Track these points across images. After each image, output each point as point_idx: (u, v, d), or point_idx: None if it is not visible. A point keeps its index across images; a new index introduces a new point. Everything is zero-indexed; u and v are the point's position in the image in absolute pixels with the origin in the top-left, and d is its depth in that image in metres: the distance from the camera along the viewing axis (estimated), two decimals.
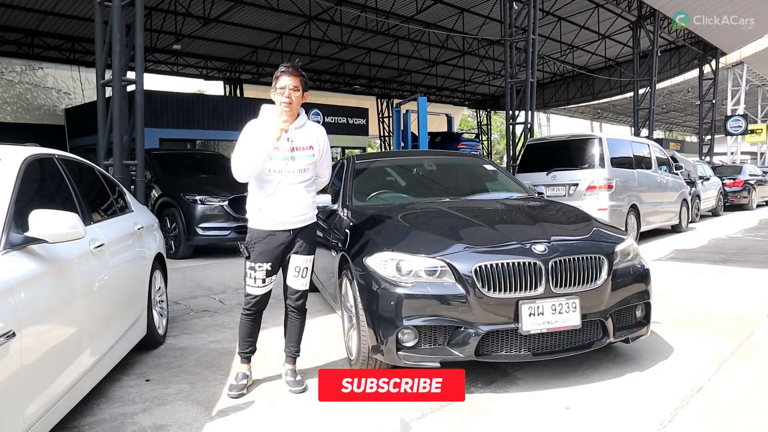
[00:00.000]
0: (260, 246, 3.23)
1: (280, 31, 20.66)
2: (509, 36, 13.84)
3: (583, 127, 43.63)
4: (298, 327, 3.43)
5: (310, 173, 3.29)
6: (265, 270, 3.24)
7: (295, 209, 3.22)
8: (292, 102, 3.12)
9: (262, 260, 3.23)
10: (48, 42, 19.49)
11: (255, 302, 3.32)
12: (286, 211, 3.20)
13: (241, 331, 3.40)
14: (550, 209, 4.24)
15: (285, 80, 3.11)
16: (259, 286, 3.27)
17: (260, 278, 3.25)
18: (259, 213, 3.23)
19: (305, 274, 3.34)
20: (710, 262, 7.55)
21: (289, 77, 3.11)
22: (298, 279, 3.32)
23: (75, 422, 2.86)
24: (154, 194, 9.12)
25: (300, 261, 3.30)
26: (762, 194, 18.70)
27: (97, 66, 8.64)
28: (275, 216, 3.20)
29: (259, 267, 3.24)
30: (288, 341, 3.44)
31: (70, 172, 3.23)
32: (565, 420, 2.79)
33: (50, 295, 2.41)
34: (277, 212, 3.19)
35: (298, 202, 3.23)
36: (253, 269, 3.25)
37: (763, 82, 32.79)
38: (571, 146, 9.46)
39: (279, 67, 3.18)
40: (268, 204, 3.19)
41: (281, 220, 3.21)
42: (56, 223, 2.38)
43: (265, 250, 3.23)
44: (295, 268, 3.30)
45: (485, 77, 29.72)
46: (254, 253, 3.24)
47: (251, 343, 3.41)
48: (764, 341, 3.97)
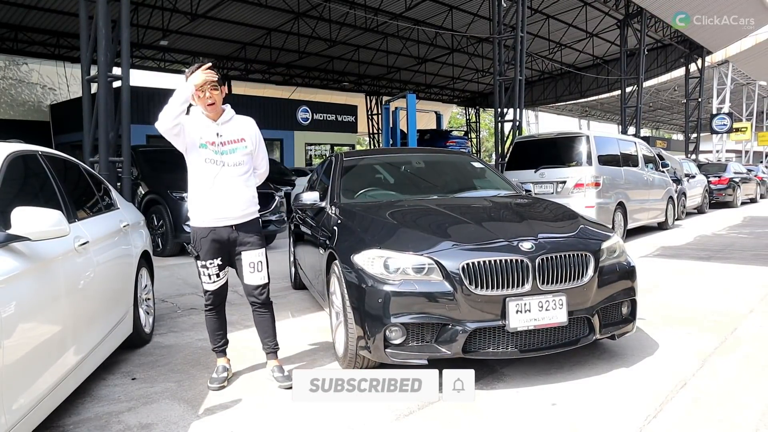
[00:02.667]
0: (205, 243, 3.24)
1: (268, 27, 20.56)
2: (498, 33, 13.88)
3: (571, 125, 43.87)
4: (270, 321, 3.41)
5: (246, 165, 3.29)
6: (216, 265, 3.28)
7: (235, 204, 3.22)
8: (215, 102, 3.18)
9: (211, 257, 3.25)
10: (32, 37, 19.28)
11: (214, 297, 3.36)
12: (227, 206, 3.20)
13: (209, 328, 3.44)
14: (537, 207, 4.26)
15: (200, 76, 3.12)
16: (214, 281, 3.32)
17: (213, 274, 3.29)
18: (199, 209, 3.22)
19: (261, 267, 3.32)
20: (695, 258, 7.63)
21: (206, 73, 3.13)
22: (255, 275, 3.31)
23: (60, 421, 2.83)
24: (141, 191, 9.06)
25: (252, 256, 3.29)
26: (746, 192, 18.92)
27: (83, 62, 8.56)
28: (215, 211, 3.20)
29: (210, 264, 3.27)
30: (264, 337, 3.42)
31: (55, 169, 3.20)
32: (551, 416, 2.81)
33: (33, 293, 2.38)
34: (217, 207, 3.19)
35: (237, 196, 3.23)
36: (205, 267, 3.28)
37: (747, 81, 33.15)
38: (559, 144, 9.51)
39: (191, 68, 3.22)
40: (208, 199, 3.19)
41: (221, 215, 3.21)
42: (39, 220, 2.35)
43: (211, 247, 3.24)
44: (249, 264, 3.29)
45: (474, 75, 29.78)
46: (202, 252, 3.26)
47: (221, 336, 3.45)
48: (747, 337, 4.01)
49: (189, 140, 3.20)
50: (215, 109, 3.21)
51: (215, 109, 3.21)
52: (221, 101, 3.23)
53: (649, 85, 29.29)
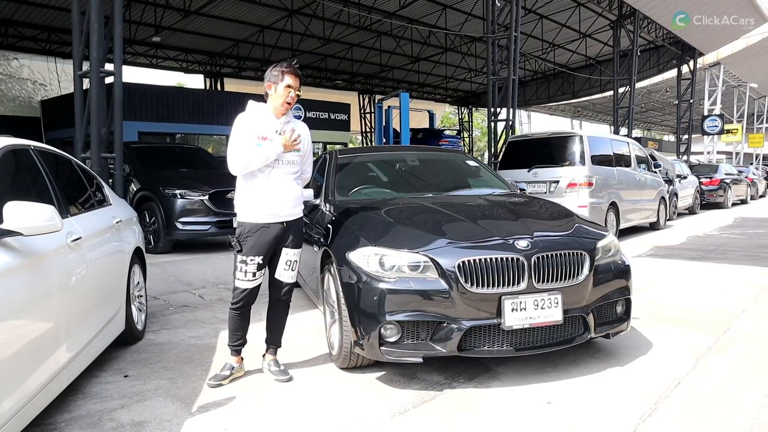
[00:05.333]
0: (252, 239, 3.23)
1: (261, 24, 20.46)
2: (492, 33, 13.88)
3: (564, 125, 44.00)
4: (283, 318, 3.49)
5: (297, 166, 3.36)
6: (257, 263, 3.25)
7: (287, 201, 3.28)
8: (293, 101, 3.27)
9: (254, 253, 3.23)
10: (23, 32, 19.08)
11: (244, 296, 3.30)
12: (280, 202, 3.25)
13: (230, 326, 3.40)
14: (533, 205, 4.26)
15: (292, 80, 3.23)
16: (250, 279, 3.27)
17: (251, 272, 3.25)
18: (252, 205, 3.24)
19: (294, 267, 3.40)
20: (688, 258, 7.66)
21: (295, 78, 3.25)
22: (288, 272, 3.37)
23: (51, 419, 2.80)
24: (133, 188, 9.00)
25: (291, 255, 3.35)
26: (737, 193, 19.05)
27: (75, 57, 8.48)
28: (269, 207, 3.23)
29: (251, 260, 3.24)
30: (272, 333, 3.47)
31: (47, 163, 3.16)
32: (546, 414, 2.80)
33: (25, 289, 2.35)
34: (271, 204, 3.23)
35: (290, 193, 3.29)
36: (244, 263, 3.25)
37: (739, 83, 33.34)
38: (553, 143, 9.52)
39: (279, 64, 3.28)
40: (261, 195, 3.22)
41: (275, 211, 3.24)
42: (32, 215, 2.32)
43: (258, 243, 3.23)
44: (286, 262, 3.35)
45: (467, 74, 29.79)
46: (246, 246, 3.24)
47: (240, 336, 3.40)
48: (740, 336, 4.03)
49: (248, 136, 3.21)
50: (288, 109, 3.29)
51: (288, 109, 3.29)
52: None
53: (641, 86, 29.43)
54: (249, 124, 3.22)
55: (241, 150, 3.16)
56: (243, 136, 3.19)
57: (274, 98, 3.25)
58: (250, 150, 3.15)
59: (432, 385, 3.20)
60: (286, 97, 3.21)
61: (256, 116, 3.26)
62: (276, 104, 3.25)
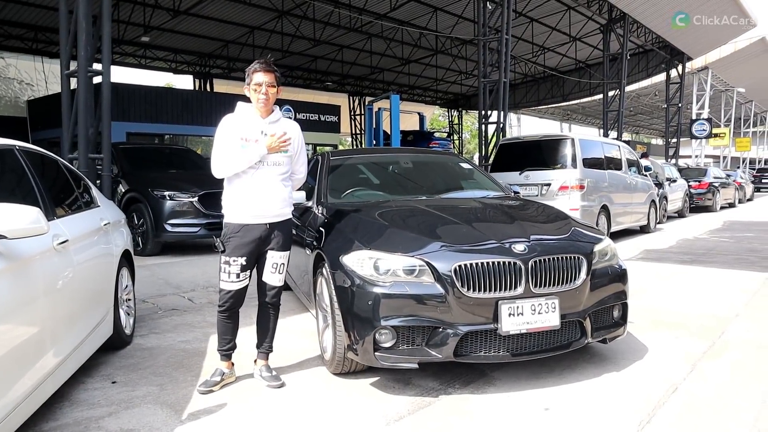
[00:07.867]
0: (235, 239, 3.19)
1: (251, 25, 20.36)
2: (482, 36, 13.88)
3: (553, 128, 44.15)
4: (273, 322, 3.42)
5: (285, 167, 3.28)
6: (240, 264, 3.19)
7: (272, 202, 3.22)
8: (269, 99, 3.18)
9: (237, 254, 3.18)
10: (9, 31, 18.85)
11: (229, 298, 3.24)
12: (264, 203, 3.19)
13: (219, 330, 3.34)
14: (528, 208, 4.22)
15: (260, 77, 3.15)
16: (233, 281, 3.21)
17: (234, 273, 3.19)
18: (235, 205, 3.20)
19: (282, 270, 3.33)
20: (679, 262, 7.67)
21: (264, 74, 3.16)
22: (275, 275, 3.31)
23: (37, 427, 2.72)
24: (121, 189, 8.89)
25: (277, 257, 3.29)
26: (726, 196, 19.20)
27: (62, 56, 8.35)
28: (251, 208, 3.18)
29: (234, 261, 3.18)
30: (263, 338, 3.41)
31: (32, 164, 3.08)
32: (544, 421, 2.76)
33: (10, 293, 2.27)
34: (255, 204, 3.18)
35: (274, 195, 3.22)
36: (227, 263, 3.19)
37: (726, 88, 33.66)
38: (544, 146, 9.52)
39: (252, 64, 3.23)
40: (245, 196, 3.17)
41: (257, 212, 3.19)
42: (16, 217, 2.25)
43: (240, 244, 3.18)
44: (272, 265, 3.29)
45: (457, 77, 29.83)
46: (229, 247, 3.19)
47: (229, 341, 3.33)
48: (735, 341, 4.01)
49: (232, 138, 3.16)
50: (267, 106, 3.19)
51: (267, 106, 3.19)
52: (274, 100, 3.23)
53: (630, 89, 29.53)
54: (233, 126, 3.18)
55: (224, 152, 3.13)
56: (226, 138, 3.15)
57: (252, 99, 3.22)
58: (232, 152, 3.11)
59: (427, 390, 3.15)
60: (258, 96, 3.16)
61: (241, 117, 3.22)
62: (254, 104, 3.21)
